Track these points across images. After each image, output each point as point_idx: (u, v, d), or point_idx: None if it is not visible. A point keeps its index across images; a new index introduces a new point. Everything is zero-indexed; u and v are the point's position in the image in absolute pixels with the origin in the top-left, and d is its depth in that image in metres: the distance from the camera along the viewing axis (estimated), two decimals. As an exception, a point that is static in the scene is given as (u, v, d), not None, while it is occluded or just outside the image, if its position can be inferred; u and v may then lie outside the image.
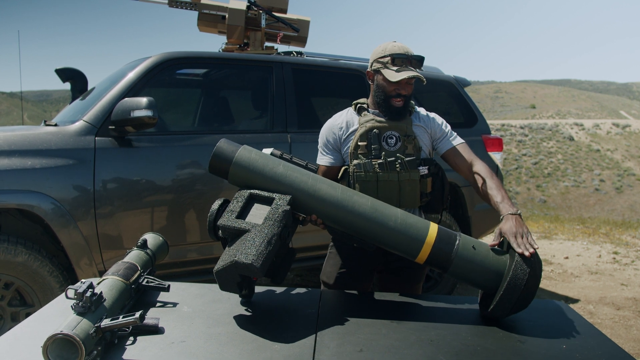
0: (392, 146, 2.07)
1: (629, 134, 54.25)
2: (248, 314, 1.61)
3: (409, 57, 2.05)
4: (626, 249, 6.82)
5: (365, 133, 2.08)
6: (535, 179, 44.16)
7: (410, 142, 2.08)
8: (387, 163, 2.03)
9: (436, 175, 2.14)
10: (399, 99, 2.06)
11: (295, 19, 4.35)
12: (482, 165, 2.11)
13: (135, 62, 3.34)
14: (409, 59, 2.05)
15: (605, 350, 1.44)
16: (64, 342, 1.19)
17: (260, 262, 1.47)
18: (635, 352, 3.47)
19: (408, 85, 2.06)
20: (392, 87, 2.06)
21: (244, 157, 1.77)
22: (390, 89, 2.06)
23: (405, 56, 2.05)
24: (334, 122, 2.21)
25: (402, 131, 2.08)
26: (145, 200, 3.01)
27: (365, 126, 2.09)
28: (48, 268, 2.72)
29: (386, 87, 2.07)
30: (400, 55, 2.05)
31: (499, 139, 4.54)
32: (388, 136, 2.08)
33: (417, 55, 2.07)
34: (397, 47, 2.09)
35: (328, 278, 2.22)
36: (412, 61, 2.06)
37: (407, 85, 2.06)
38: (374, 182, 2.04)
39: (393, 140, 2.08)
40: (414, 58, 2.06)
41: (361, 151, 2.07)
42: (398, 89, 2.05)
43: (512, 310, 1.58)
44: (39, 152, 2.74)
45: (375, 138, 2.07)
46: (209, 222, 1.69)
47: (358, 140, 2.09)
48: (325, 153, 2.21)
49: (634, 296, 4.72)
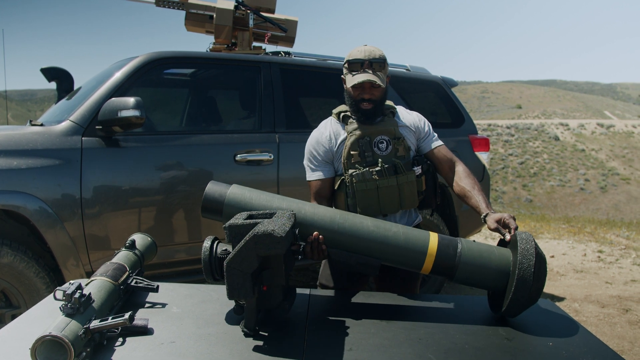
0: (384, 150, 2.08)
1: (613, 134, 54.91)
2: (237, 315, 1.61)
3: (364, 61, 2.05)
4: (610, 247, 6.91)
5: (356, 141, 2.08)
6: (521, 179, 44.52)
7: (400, 144, 2.09)
8: (385, 169, 2.04)
9: (428, 172, 2.18)
10: (365, 103, 2.07)
11: (283, 19, 4.35)
12: (463, 166, 2.17)
13: (123, 62, 3.32)
14: (363, 62, 2.05)
15: (591, 347, 1.46)
16: (52, 343, 1.18)
17: (282, 233, 1.37)
18: (619, 348, 3.52)
19: (373, 89, 2.06)
20: (355, 92, 2.07)
21: (237, 194, 1.77)
22: (354, 94, 2.08)
23: (360, 60, 2.05)
24: (321, 135, 2.19)
25: (391, 134, 2.09)
26: (132, 201, 2.99)
27: (355, 134, 2.09)
28: (34, 269, 2.69)
29: (351, 92, 2.09)
30: (355, 60, 2.06)
31: (485, 139, 4.58)
32: (379, 141, 2.08)
33: (375, 58, 2.05)
34: (356, 51, 2.09)
35: (327, 281, 2.21)
36: (372, 64, 2.05)
37: (372, 89, 2.06)
38: (374, 189, 2.04)
39: (384, 145, 2.08)
40: (373, 61, 2.05)
41: (355, 160, 2.07)
42: (361, 93, 2.06)
43: (525, 307, 1.59)
44: (25, 152, 2.71)
45: (367, 145, 2.07)
46: (203, 260, 1.58)
47: (350, 149, 2.08)
48: (315, 167, 2.18)
49: (618, 294, 4.79)
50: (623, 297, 4.68)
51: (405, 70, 4.56)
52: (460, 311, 1.75)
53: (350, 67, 2.08)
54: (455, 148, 4.27)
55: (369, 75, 2.02)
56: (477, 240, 6.77)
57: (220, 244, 1.61)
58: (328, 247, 1.74)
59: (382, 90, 2.09)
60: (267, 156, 3.38)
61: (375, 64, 2.05)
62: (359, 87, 2.05)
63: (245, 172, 3.32)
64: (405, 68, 4.58)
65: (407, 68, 4.58)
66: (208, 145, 3.27)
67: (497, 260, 1.66)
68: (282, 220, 1.49)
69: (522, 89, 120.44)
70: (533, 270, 1.54)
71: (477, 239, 7.00)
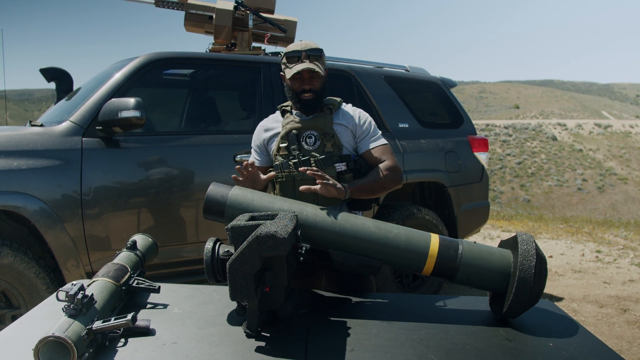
0: (312, 145, 2.11)
1: (610, 134, 55.03)
2: (239, 316, 1.61)
3: (301, 52, 2.10)
4: (608, 247, 6.93)
5: (285, 134, 2.13)
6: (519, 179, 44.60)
7: (329, 140, 2.10)
8: (301, 162, 2.05)
9: (358, 171, 2.13)
10: (306, 94, 2.11)
11: (282, 19, 4.36)
12: (385, 165, 2.13)
13: (122, 62, 3.33)
14: (300, 54, 2.10)
15: (590, 347, 1.47)
16: (55, 344, 1.18)
17: (285, 234, 1.37)
18: (617, 348, 3.53)
19: (313, 79, 2.11)
20: (296, 85, 2.12)
21: (238, 195, 1.78)
22: (295, 86, 2.13)
23: (297, 53, 2.11)
24: (261, 125, 2.29)
25: (321, 130, 2.11)
26: (133, 201, 2.99)
27: (286, 128, 2.14)
28: (34, 270, 2.69)
29: (291, 85, 2.14)
30: (291, 53, 2.12)
31: (484, 139, 4.59)
32: (307, 136, 2.11)
33: (311, 48, 2.12)
34: (292, 45, 2.16)
35: None
36: (309, 56, 2.10)
37: (312, 80, 2.11)
38: (291, 181, 2.07)
39: (312, 140, 2.11)
40: (310, 52, 2.10)
41: (282, 152, 2.12)
42: (302, 84, 2.11)
43: (525, 308, 1.59)
44: (25, 153, 2.72)
45: (294, 138, 2.10)
46: (206, 261, 1.59)
47: (280, 142, 2.13)
48: (255, 153, 2.30)
49: (617, 294, 4.80)
50: (621, 297, 4.70)
51: (405, 70, 4.57)
52: (460, 312, 1.76)
53: (289, 60, 2.13)
54: (454, 148, 4.29)
55: (306, 64, 2.08)
56: (476, 239, 6.78)
57: (222, 245, 1.61)
58: (329, 248, 1.75)
59: (322, 81, 2.14)
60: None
61: (312, 55, 2.11)
62: (298, 78, 2.11)
63: (245, 173, 3.31)
64: (404, 69, 4.60)
65: (406, 69, 4.60)
66: (208, 146, 3.27)
67: (498, 261, 1.66)
68: (284, 221, 1.50)
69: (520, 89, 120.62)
70: (534, 272, 1.55)
71: (476, 238, 7.01)
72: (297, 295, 1.69)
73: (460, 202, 4.28)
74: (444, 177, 4.16)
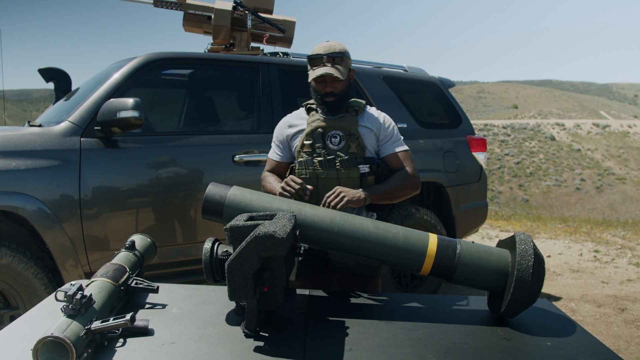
0: (336, 145, 2.13)
1: (608, 134, 55.10)
2: (238, 316, 1.62)
3: (323, 55, 2.13)
4: (606, 247, 6.94)
5: (310, 132, 2.15)
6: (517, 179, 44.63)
7: (353, 142, 2.13)
8: (327, 161, 2.09)
9: (379, 175, 2.17)
10: (328, 97, 2.14)
11: (281, 19, 4.36)
12: (405, 172, 2.18)
13: (121, 63, 3.33)
14: (322, 57, 2.13)
15: (588, 346, 1.47)
16: (54, 344, 1.18)
17: (284, 234, 1.37)
18: (615, 347, 3.54)
19: (335, 82, 2.13)
20: (319, 87, 2.15)
21: (237, 195, 1.78)
22: (317, 88, 2.16)
23: (319, 55, 2.13)
24: (285, 120, 2.32)
25: (346, 130, 2.14)
26: (131, 202, 2.99)
27: (311, 125, 2.16)
28: (33, 270, 2.69)
29: (314, 86, 2.17)
30: (313, 56, 2.15)
31: (482, 139, 4.59)
32: (332, 135, 2.14)
33: (334, 52, 2.13)
34: (317, 47, 2.18)
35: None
36: (332, 59, 2.12)
37: (334, 82, 2.13)
38: (315, 179, 2.10)
39: (337, 139, 2.14)
40: (332, 55, 2.12)
41: (306, 149, 2.15)
42: (324, 87, 2.13)
43: (524, 307, 1.60)
44: (24, 153, 2.72)
45: (319, 137, 2.13)
46: (204, 261, 1.58)
47: (304, 139, 2.16)
48: (275, 147, 2.34)
49: (614, 293, 4.81)
50: (619, 297, 4.71)
51: (403, 70, 4.57)
52: (458, 311, 1.76)
53: (311, 62, 2.17)
54: (452, 148, 4.29)
55: (327, 68, 2.10)
56: (474, 239, 6.79)
57: (221, 245, 1.61)
58: (328, 249, 1.75)
59: (344, 84, 2.16)
60: (266, 157, 3.38)
61: (335, 58, 2.12)
62: (321, 80, 2.14)
63: (243, 173, 3.32)
64: (403, 69, 4.60)
65: (404, 69, 4.60)
66: (206, 146, 3.27)
67: (496, 261, 1.66)
68: (283, 221, 1.50)
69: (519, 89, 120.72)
70: (532, 271, 1.55)
71: (474, 238, 7.02)
72: (295, 295, 1.69)
73: (458, 202, 4.29)
74: (443, 177, 4.17)
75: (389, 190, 2.13)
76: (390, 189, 2.13)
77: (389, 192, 2.13)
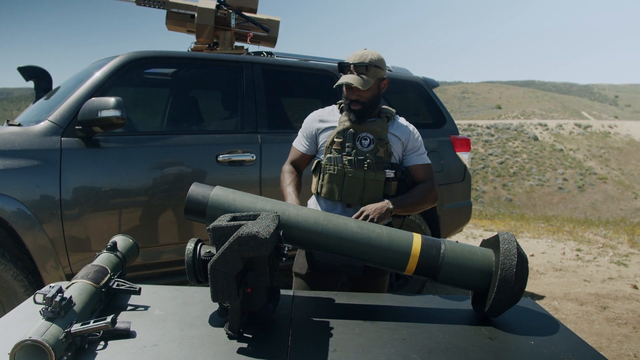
0: (366, 147, 2.19)
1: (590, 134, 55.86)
2: (221, 317, 1.60)
3: (349, 64, 2.17)
4: (588, 246, 7.03)
5: (342, 131, 2.20)
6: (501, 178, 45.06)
7: (382, 146, 2.18)
8: (357, 160, 2.15)
9: (402, 181, 2.24)
10: (354, 105, 2.18)
11: (265, 19, 4.34)
12: (425, 185, 2.25)
13: (103, 61, 3.28)
14: (349, 65, 2.18)
15: (571, 344, 1.48)
16: (32, 348, 1.16)
17: (267, 234, 1.36)
18: (597, 345, 3.58)
19: (360, 91, 2.16)
20: (347, 92, 2.20)
21: (220, 196, 1.76)
22: (346, 94, 2.21)
23: (346, 64, 2.19)
24: (317, 114, 2.36)
25: (377, 134, 2.19)
26: (113, 202, 2.95)
27: (344, 124, 2.21)
28: (12, 272, 2.64)
29: (343, 92, 2.22)
30: (343, 63, 2.20)
31: (467, 139, 4.62)
32: (363, 137, 2.19)
33: (361, 62, 2.16)
34: (350, 56, 2.22)
35: (300, 269, 2.30)
36: (357, 67, 2.17)
37: (359, 91, 2.16)
38: (342, 176, 2.16)
39: (367, 142, 2.19)
40: (357, 64, 2.16)
41: (335, 147, 2.20)
42: (349, 94, 2.19)
43: (507, 306, 1.61)
44: (2, 153, 2.66)
45: (350, 137, 2.18)
46: (187, 262, 1.55)
47: (335, 136, 2.20)
48: (303, 139, 2.37)
49: (596, 292, 4.87)
50: (601, 295, 4.77)
51: (388, 70, 4.58)
52: (443, 311, 1.77)
53: (341, 69, 2.22)
54: (437, 148, 4.31)
55: (349, 77, 2.15)
56: (458, 239, 6.82)
57: (203, 246, 1.60)
58: (312, 249, 1.75)
59: (370, 92, 2.19)
60: (250, 157, 3.37)
61: (360, 67, 2.16)
62: (348, 88, 2.18)
63: (227, 173, 3.30)
64: (387, 69, 4.60)
65: (389, 69, 4.61)
66: (190, 146, 3.24)
67: (480, 260, 1.67)
68: (266, 222, 1.49)
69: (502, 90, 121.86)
70: (515, 271, 1.56)
71: (458, 238, 7.06)
72: (279, 296, 1.68)
73: (442, 201, 4.31)
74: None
75: (412, 203, 2.20)
76: (414, 202, 2.21)
77: (412, 205, 2.21)
